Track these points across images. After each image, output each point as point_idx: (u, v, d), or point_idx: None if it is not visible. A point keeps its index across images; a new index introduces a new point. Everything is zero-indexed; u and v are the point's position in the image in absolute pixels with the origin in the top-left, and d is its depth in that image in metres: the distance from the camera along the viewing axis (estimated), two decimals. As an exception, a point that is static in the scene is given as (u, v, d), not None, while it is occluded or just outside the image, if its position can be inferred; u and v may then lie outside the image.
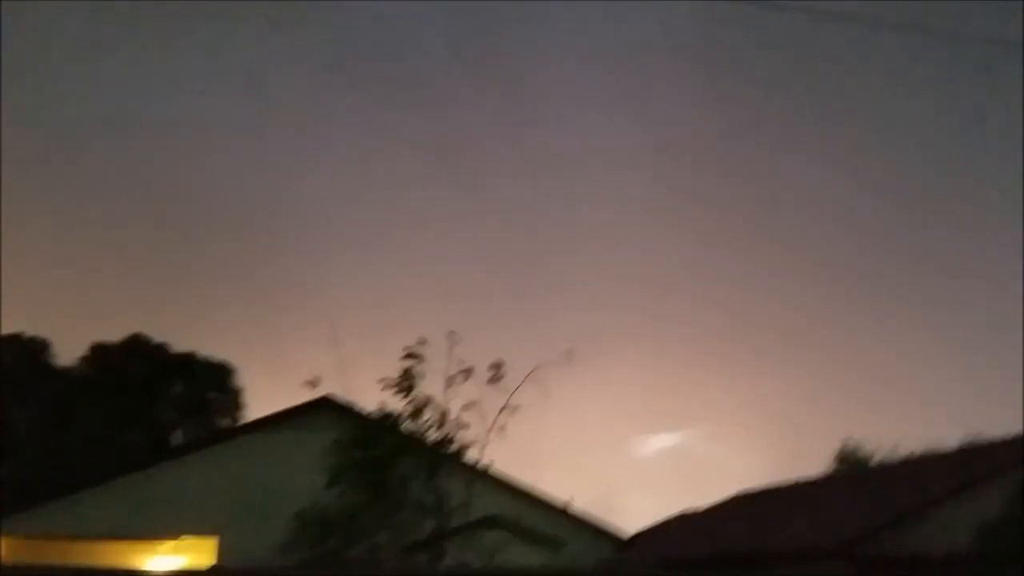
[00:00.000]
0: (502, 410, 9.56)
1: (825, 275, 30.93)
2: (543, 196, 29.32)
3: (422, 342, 9.79)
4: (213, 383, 33.22)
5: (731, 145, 28.89)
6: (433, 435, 9.75)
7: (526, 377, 9.55)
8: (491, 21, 24.38)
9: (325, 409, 15.61)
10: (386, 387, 9.67)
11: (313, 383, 9.69)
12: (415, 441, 9.79)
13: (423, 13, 23.22)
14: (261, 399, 32.30)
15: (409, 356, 9.69)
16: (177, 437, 32.35)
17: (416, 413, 9.72)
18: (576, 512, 17.56)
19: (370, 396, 10.35)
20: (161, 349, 33.16)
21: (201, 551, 15.48)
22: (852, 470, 27.99)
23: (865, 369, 32.96)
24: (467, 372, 9.67)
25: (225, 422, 32.44)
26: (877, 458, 28.83)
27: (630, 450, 36.16)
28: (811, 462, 30.04)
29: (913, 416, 35.50)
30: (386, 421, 9.58)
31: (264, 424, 17.29)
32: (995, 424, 34.85)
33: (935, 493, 16.90)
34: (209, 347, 32.93)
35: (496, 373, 9.70)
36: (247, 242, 32.81)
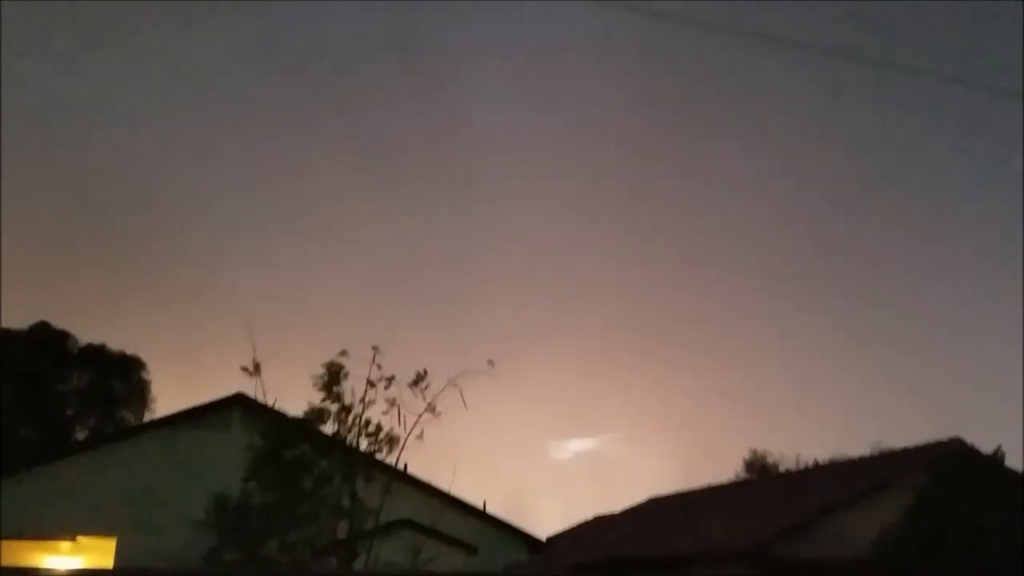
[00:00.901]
0: (421, 415, 9.51)
1: (738, 288, 31.81)
2: (467, 203, 29.36)
3: (344, 353, 9.68)
4: (121, 376, 32.03)
5: (655, 155, 29.41)
6: (352, 438, 9.63)
7: (446, 384, 9.52)
8: (419, 24, 24.26)
9: (239, 407, 15.25)
10: (314, 386, 9.50)
11: (251, 370, 9.41)
12: (333, 442, 9.65)
13: (349, 14, 22.95)
14: (171, 395, 31.37)
15: (333, 360, 9.56)
16: (81, 431, 31.10)
17: (336, 415, 9.58)
18: (492, 515, 17.60)
19: (287, 396, 10.18)
20: (67, 339, 31.81)
21: (100, 552, 14.90)
22: (760, 476, 28.81)
23: (774, 379, 34.05)
24: (389, 378, 9.60)
25: (132, 418, 31.33)
26: (784, 465, 29.78)
27: (547, 455, 36.54)
28: (721, 468, 30.85)
29: (819, 425, 36.82)
30: (304, 421, 9.40)
31: (173, 421, 16.74)
32: (896, 434, 36.43)
33: (838, 500, 17.50)
34: (119, 340, 31.80)
35: (417, 379, 9.65)
36: (165, 236, 31.87)
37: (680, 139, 29.34)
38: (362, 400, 9.38)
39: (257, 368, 9.37)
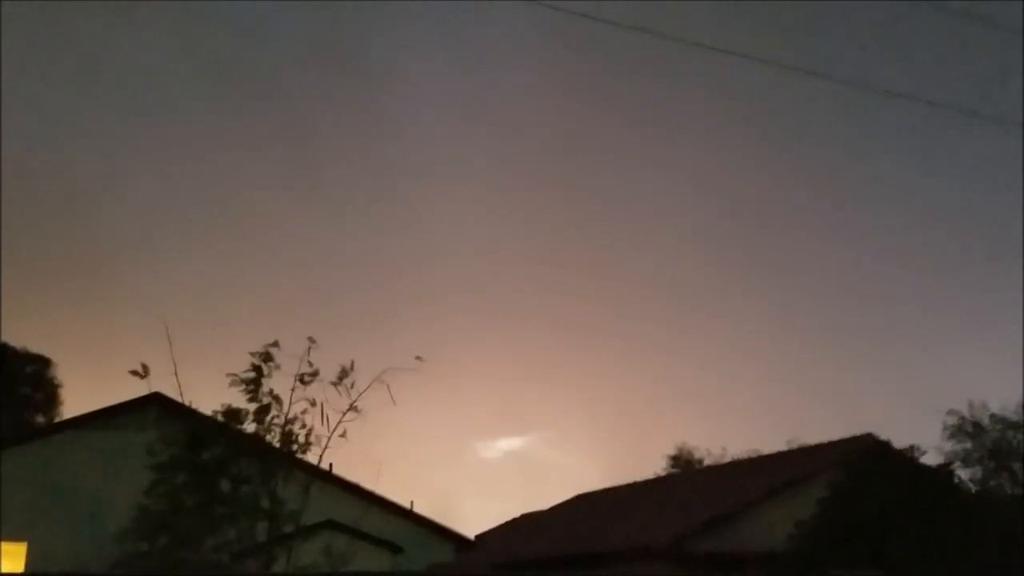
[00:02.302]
0: (345, 413, 9.32)
1: (663, 289, 32.35)
2: (395, 202, 29.13)
3: (271, 345, 9.41)
4: (28, 376, 30.70)
5: (585, 156, 29.69)
6: (272, 437, 9.39)
7: (372, 382, 9.36)
8: (347, 24, 23.94)
9: (154, 407, 14.77)
10: (232, 384, 9.20)
11: (140, 373, 9.06)
12: (252, 442, 9.40)
13: (276, 13, 22.49)
14: (82, 396, 30.23)
15: (254, 356, 9.29)
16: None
17: (256, 414, 9.32)
18: (418, 514, 17.48)
19: (207, 395, 9.88)
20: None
21: (10, 557, 14.28)
22: (683, 472, 29.34)
23: (697, 378, 34.76)
24: (312, 375, 9.37)
25: (42, 419, 30.07)
26: (707, 460, 30.39)
27: (476, 453, 36.55)
28: (648, 464, 31.33)
29: (741, 422, 37.70)
30: (221, 421, 9.13)
31: (84, 421, 16.11)
32: (813, 430, 37.57)
33: (756, 494, 17.95)
34: (24, 338, 30.45)
35: (341, 376, 9.45)
36: (78, 234, 30.68)
37: (610, 141, 29.72)
38: (275, 398, 9.15)
39: (146, 370, 9.03)
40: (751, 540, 15.78)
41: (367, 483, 16.34)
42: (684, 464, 30.86)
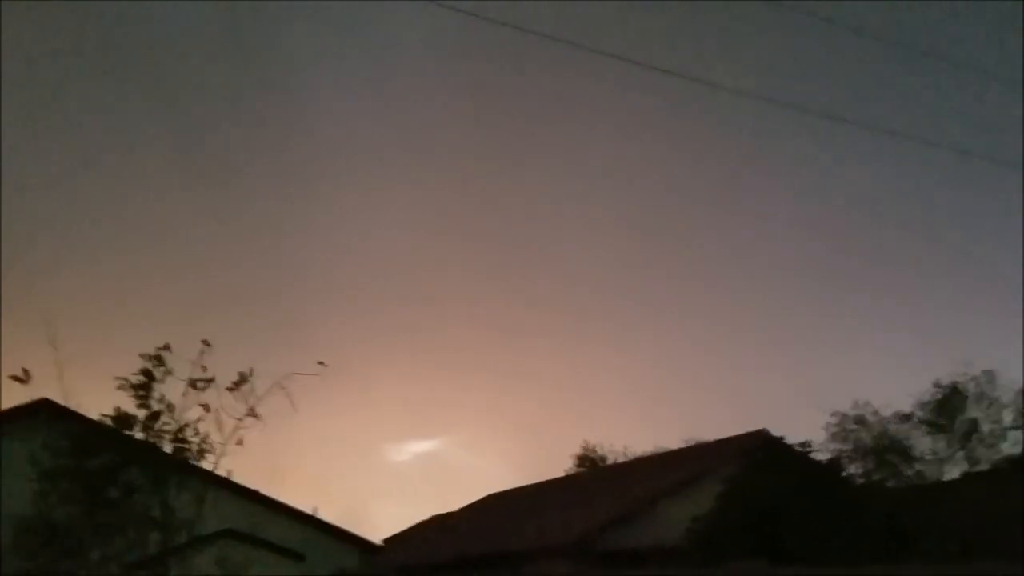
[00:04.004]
0: (243, 419, 9.09)
1: (565, 290, 32.77)
2: (297, 204, 28.58)
3: (164, 347, 9.08)
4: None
5: (495, 158, 29.81)
6: (166, 444, 9.08)
7: (271, 387, 9.15)
8: (246, 21, 23.35)
9: (42, 413, 14.09)
10: (120, 387, 8.84)
11: (22, 378, 8.63)
12: (145, 449, 9.07)
13: (178, 9, 21.74)
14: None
15: (147, 359, 8.95)
16: None
17: (149, 420, 8.99)
18: (322, 520, 17.21)
19: (94, 401, 9.48)
20: None
21: None
22: (588, 471, 29.78)
23: (601, 378, 35.37)
24: (206, 380, 9.09)
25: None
26: (612, 458, 30.93)
27: (385, 458, 36.20)
28: (558, 464, 31.67)
29: (642, 421, 38.56)
30: (109, 427, 8.78)
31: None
32: (711, 427, 38.67)
33: (657, 491, 18.40)
34: None
35: (239, 382, 9.19)
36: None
37: (520, 143, 29.90)
38: (167, 404, 8.87)
39: (27, 374, 8.63)
40: (652, 535, 16.16)
41: (269, 490, 16.03)
42: (589, 463, 31.33)
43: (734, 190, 31.14)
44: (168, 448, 8.81)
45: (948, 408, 17.29)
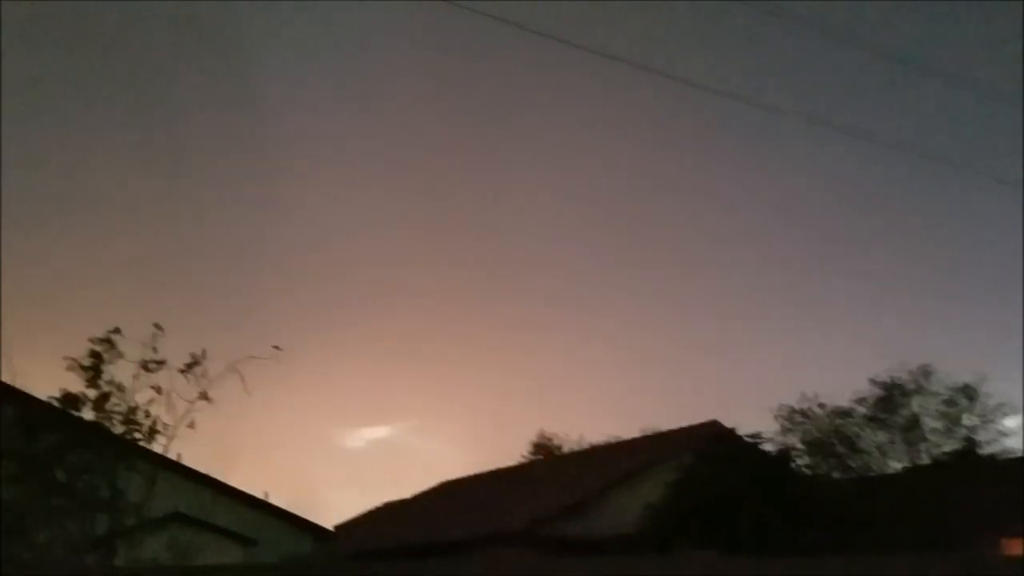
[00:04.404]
0: (194, 402, 8.94)
1: (522, 278, 32.80)
2: (253, 188, 28.11)
3: (114, 331, 8.90)
4: None
5: (458, 150, 29.70)
6: (116, 426, 8.90)
7: (224, 370, 9.01)
8: (217, 10, 22.83)
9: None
10: (69, 368, 8.63)
11: None
12: (94, 431, 8.89)
13: (142, 5, 21.17)
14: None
15: (97, 343, 8.75)
16: None
17: (99, 401, 8.80)
18: (273, 506, 17.07)
19: (42, 383, 9.24)
20: None
21: None
22: (543, 459, 29.94)
23: (559, 367, 35.52)
24: (157, 362, 8.93)
25: None
26: (568, 447, 31.13)
27: (339, 443, 35.98)
28: (510, 453, 31.76)
29: (597, 410, 38.81)
30: (58, 407, 8.58)
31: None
32: (666, 417, 39.15)
33: (610, 480, 18.57)
34: None
35: (191, 364, 9.04)
36: None
37: (486, 137, 29.80)
38: (117, 386, 8.68)
39: None
40: (605, 524, 16.31)
41: (220, 474, 15.85)
42: (545, 451, 31.49)
43: (693, 184, 31.45)
44: (118, 430, 8.65)
45: (890, 403, 17.71)
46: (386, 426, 38.66)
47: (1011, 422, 17.50)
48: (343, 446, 36.11)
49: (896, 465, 17.99)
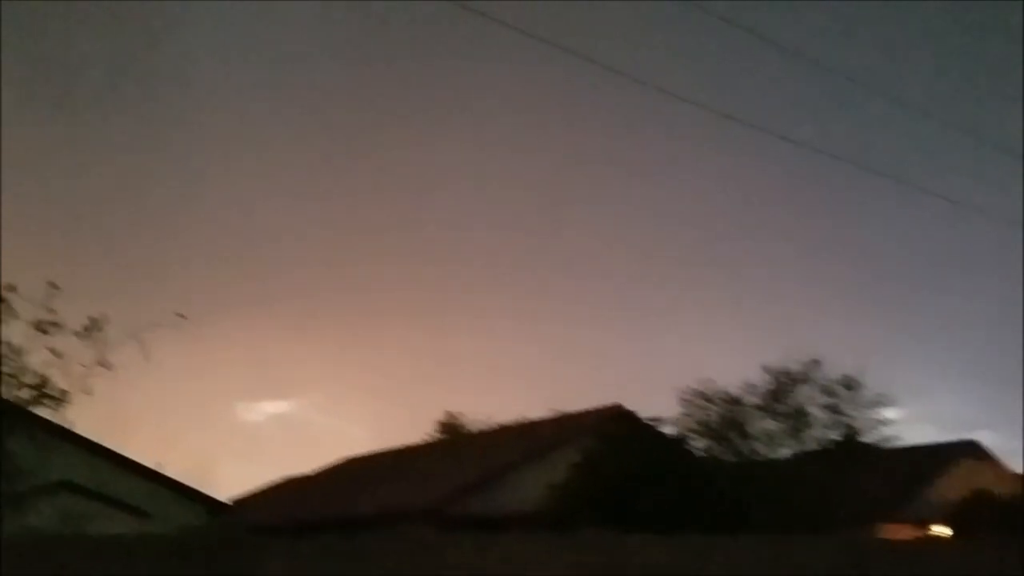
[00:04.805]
0: (91, 367, 8.63)
1: (435, 253, 32.69)
2: (160, 149, 27.08)
3: (10, 288, 8.48)
4: None
5: (370, 114, 29.26)
6: (6, 388, 8.52)
7: (125, 336, 8.72)
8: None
9: None
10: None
11: None
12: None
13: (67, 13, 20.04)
14: None
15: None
16: None
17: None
18: (168, 477, 16.63)
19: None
20: None
21: None
22: (450, 438, 30.01)
23: (469, 346, 35.62)
24: (52, 324, 8.57)
25: None
26: (475, 426, 31.25)
27: (240, 416, 35.21)
28: (417, 431, 31.70)
29: (507, 390, 39.17)
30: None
31: None
32: (573, 398, 39.75)
33: (515, 459, 18.81)
34: None
35: (90, 328, 8.72)
36: None
37: (396, 111, 29.44)
38: (11, 347, 8.32)
39: None
40: (508, 502, 16.52)
41: (115, 444, 15.35)
42: (451, 430, 31.55)
43: (603, 172, 31.90)
44: (8, 393, 8.29)
45: (779, 392, 18.42)
46: (288, 400, 38.04)
47: (889, 413, 18.45)
48: (243, 419, 35.40)
49: (784, 451, 18.75)
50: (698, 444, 18.01)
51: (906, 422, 19.85)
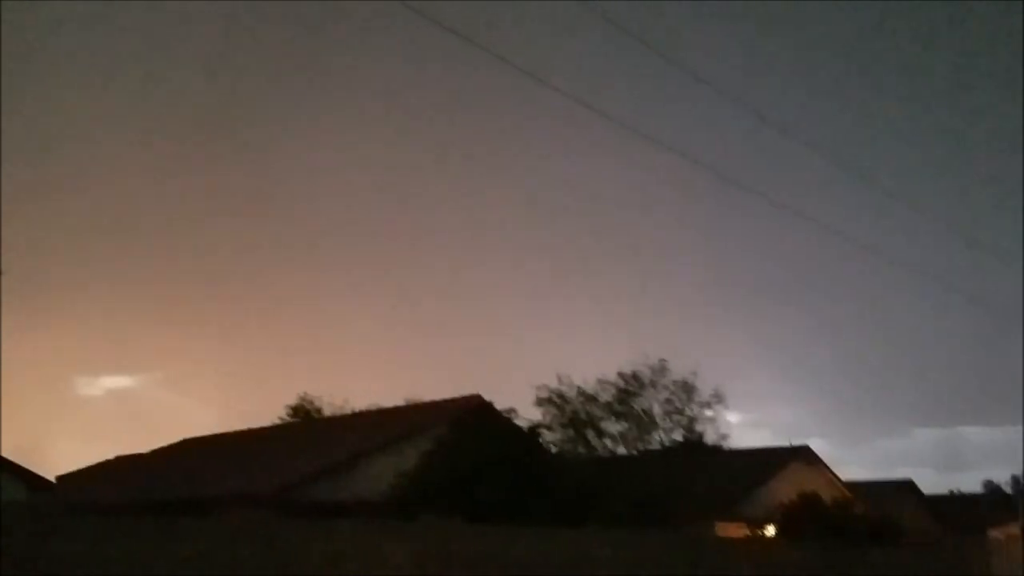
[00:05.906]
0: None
1: (302, 241, 31.95)
2: (52, 107, 25.11)
3: None
4: None
5: (239, 95, 28.13)
6: None
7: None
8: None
9: None
10: None
11: None
12: None
13: None
14: None
15: None
16: None
17: None
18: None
19: None
20: None
21: None
22: (301, 422, 29.19)
23: (326, 331, 34.92)
24: None
25: None
26: (327, 413, 30.47)
27: (75, 390, 33.15)
28: (268, 414, 30.69)
29: (369, 378, 38.64)
30: None
31: None
32: (432, 388, 39.63)
33: (367, 446, 18.46)
34: None
35: None
36: None
37: (270, 94, 28.57)
38: None
39: None
40: (357, 489, 16.17)
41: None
42: (304, 414, 30.66)
43: (481, 169, 31.99)
44: None
45: (628, 393, 19.02)
46: (129, 375, 36.13)
47: (730, 417, 19.38)
48: (79, 393, 33.35)
49: (631, 449, 19.30)
50: (551, 438, 18.27)
51: (746, 426, 20.90)
